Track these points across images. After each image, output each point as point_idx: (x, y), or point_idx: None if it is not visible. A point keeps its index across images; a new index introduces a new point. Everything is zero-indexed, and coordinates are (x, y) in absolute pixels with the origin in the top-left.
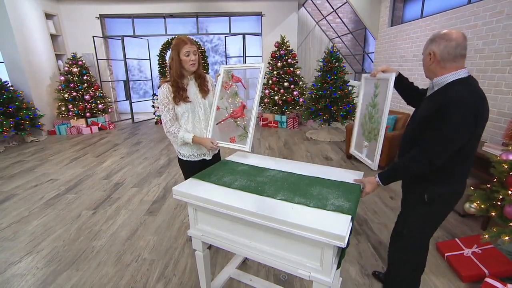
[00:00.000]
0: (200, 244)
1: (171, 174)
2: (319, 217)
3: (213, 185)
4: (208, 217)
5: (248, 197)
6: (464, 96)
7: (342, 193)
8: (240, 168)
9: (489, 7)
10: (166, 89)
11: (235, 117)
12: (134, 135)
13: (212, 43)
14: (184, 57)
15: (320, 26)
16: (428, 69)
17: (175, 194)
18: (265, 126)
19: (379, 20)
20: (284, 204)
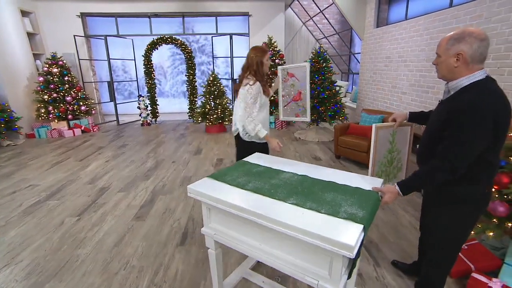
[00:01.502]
0: (213, 243)
1: (159, 177)
2: (329, 225)
3: (227, 185)
4: (220, 217)
5: (260, 199)
6: (481, 101)
7: (356, 200)
8: (256, 169)
9: (469, 10)
10: (258, 86)
11: (295, 100)
12: (120, 138)
13: (198, 43)
14: (266, 61)
15: (307, 26)
16: (451, 71)
17: (190, 193)
18: None
19: (365, 21)
20: (294, 209)
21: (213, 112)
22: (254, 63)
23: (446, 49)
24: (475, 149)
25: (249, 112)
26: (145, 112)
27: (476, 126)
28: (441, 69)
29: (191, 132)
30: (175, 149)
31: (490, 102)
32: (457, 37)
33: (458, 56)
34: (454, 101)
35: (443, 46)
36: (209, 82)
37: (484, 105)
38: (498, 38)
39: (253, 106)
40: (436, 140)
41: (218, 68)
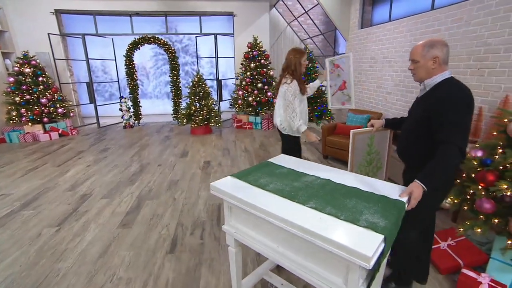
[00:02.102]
0: (233, 241)
1: (145, 182)
2: (347, 232)
3: (249, 185)
4: (240, 216)
5: (279, 201)
6: (459, 91)
7: (380, 209)
8: (279, 171)
9: (450, 13)
10: (296, 84)
11: (341, 89)
12: (101, 141)
13: (182, 43)
14: (303, 62)
15: (292, 27)
16: (429, 72)
17: (212, 190)
18: (239, 128)
19: (349, 22)
20: (313, 213)
21: (199, 113)
22: (293, 63)
23: (423, 55)
24: (468, 128)
25: (292, 108)
26: (127, 114)
27: (461, 109)
28: (419, 72)
29: (176, 134)
30: (160, 152)
31: (464, 91)
32: (430, 44)
33: (435, 59)
34: (434, 93)
35: (419, 53)
36: (194, 83)
37: (461, 93)
38: (478, 40)
39: (294, 102)
40: (423, 133)
41: (203, 69)
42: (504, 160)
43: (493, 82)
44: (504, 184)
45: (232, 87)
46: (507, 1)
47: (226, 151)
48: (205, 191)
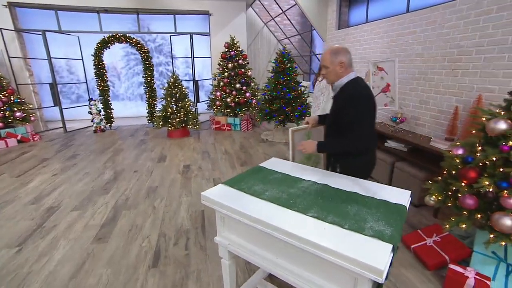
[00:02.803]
0: (226, 253)
1: (120, 190)
2: (354, 243)
3: (243, 193)
4: (235, 226)
5: (277, 210)
6: (361, 89)
7: (383, 215)
8: (273, 176)
9: (424, 16)
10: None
11: (384, 92)
12: (68, 147)
13: (155, 43)
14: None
15: (268, 27)
16: (338, 75)
17: (203, 200)
18: (218, 130)
19: (326, 23)
20: (315, 223)
21: (176, 115)
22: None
23: (332, 61)
24: (369, 119)
25: (317, 103)
26: (98, 117)
27: (363, 104)
28: (330, 76)
29: (152, 138)
30: (135, 157)
31: (367, 90)
32: (335, 52)
33: (341, 64)
34: (342, 93)
35: (328, 59)
36: (169, 84)
37: (365, 92)
38: (451, 42)
39: (319, 97)
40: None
41: (178, 69)
42: (486, 158)
43: (466, 82)
44: (486, 181)
45: (209, 88)
46: (477, 6)
47: (206, 154)
48: (187, 197)
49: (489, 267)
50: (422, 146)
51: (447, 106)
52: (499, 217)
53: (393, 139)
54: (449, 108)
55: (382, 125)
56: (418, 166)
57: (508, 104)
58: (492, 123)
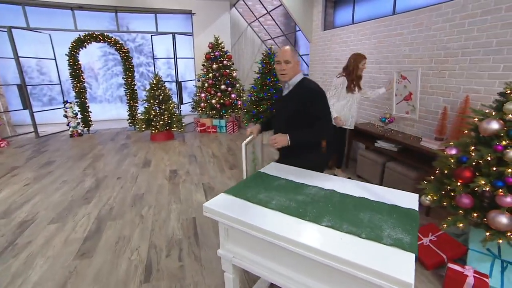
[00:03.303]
0: (230, 266)
1: (103, 199)
2: (374, 253)
3: (248, 203)
4: (240, 238)
5: (288, 220)
6: (318, 86)
7: (397, 221)
8: (277, 183)
9: (411, 18)
10: (343, 80)
11: (406, 100)
12: (42, 153)
13: (135, 43)
14: (361, 66)
15: (252, 27)
16: (295, 72)
17: (205, 212)
18: (203, 132)
19: (312, 24)
20: (330, 233)
21: (159, 118)
22: (351, 65)
23: (293, 57)
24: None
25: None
26: (74, 121)
27: (325, 99)
28: (290, 72)
29: (134, 142)
30: (118, 163)
31: (320, 87)
32: (293, 50)
33: (298, 62)
34: (302, 90)
35: (291, 55)
36: (152, 85)
37: (320, 88)
38: (438, 44)
39: (331, 91)
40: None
41: (159, 70)
42: (481, 158)
43: (453, 83)
44: (482, 180)
45: (192, 89)
46: (462, 9)
47: (192, 158)
48: (176, 204)
49: (485, 264)
50: (413, 146)
51: (435, 106)
52: (495, 215)
53: (383, 139)
54: (436, 108)
55: (371, 126)
56: (409, 166)
57: (499, 104)
58: (485, 123)
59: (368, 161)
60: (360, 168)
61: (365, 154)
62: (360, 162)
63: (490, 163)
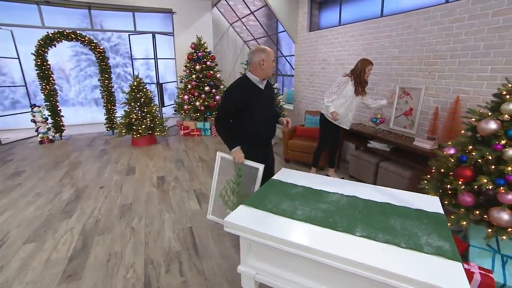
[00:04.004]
0: (253, 283)
1: (87, 211)
2: (420, 264)
3: (272, 214)
4: (265, 253)
5: (319, 232)
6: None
7: (429, 227)
8: (294, 191)
9: (399, 21)
10: (347, 80)
11: (406, 115)
12: (7, 163)
13: (110, 42)
14: (368, 71)
15: (234, 27)
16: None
17: (227, 227)
18: (187, 135)
19: (297, 24)
20: (368, 244)
21: (141, 122)
22: (358, 69)
23: (258, 57)
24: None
25: (329, 94)
26: (44, 126)
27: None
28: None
29: (114, 147)
30: (98, 171)
31: None
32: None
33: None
34: (270, 85)
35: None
36: (133, 87)
37: None
38: (427, 47)
39: (334, 90)
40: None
41: (137, 71)
42: (482, 157)
43: (443, 84)
44: (484, 179)
45: (173, 91)
46: (450, 13)
47: (179, 163)
48: (169, 213)
49: (486, 260)
50: (406, 145)
51: (425, 106)
52: (497, 212)
53: (376, 139)
54: (427, 109)
55: (362, 126)
56: (402, 165)
57: (495, 105)
58: (483, 123)
59: (361, 161)
60: (353, 168)
61: (357, 155)
62: (352, 162)
63: (489, 162)
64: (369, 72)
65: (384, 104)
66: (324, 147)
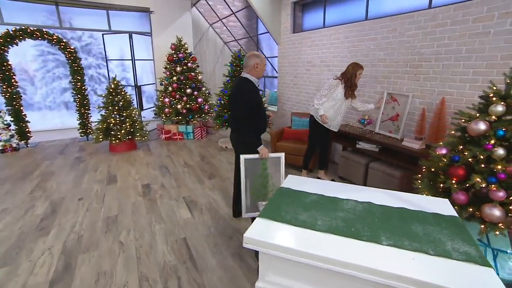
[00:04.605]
0: None
1: (66, 227)
2: (453, 272)
3: (291, 226)
4: (286, 268)
5: (344, 243)
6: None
7: (450, 231)
8: (309, 199)
9: (385, 25)
10: (337, 83)
11: (392, 120)
12: None
13: (81, 42)
14: (358, 75)
15: (214, 28)
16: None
17: (246, 243)
18: (169, 140)
19: (280, 26)
20: (396, 252)
21: (120, 127)
22: (349, 73)
23: (252, 61)
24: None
25: (319, 97)
26: (6, 133)
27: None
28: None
29: (91, 154)
30: (75, 181)
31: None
32: (256, 55)
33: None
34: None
35: (265, 60)
36: (110, 90)
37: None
38: (412, 50)
39: (325, 93)
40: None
41: (112, 73)
42: (473, 156)
43: (428, 86)
44: (477, 177)
45: (151, 93)
46: (433, 19)
47: (164, 169)
48: (159, 224)
49: None
50: (395, 146)
51: (411, 108)
52: (489, 208)
53: (364, 140)
54: (412, 110)
55: (350, 127)
56: (392, 165)
57: (482, 107)
58: (473, 124)
59: (351, 162)
60: (343, 169)
61: (347, 156)
62: (342, 163)
63: (480, 161)
64: (359, 76)
65: (371, 108)
66: (314, 149)
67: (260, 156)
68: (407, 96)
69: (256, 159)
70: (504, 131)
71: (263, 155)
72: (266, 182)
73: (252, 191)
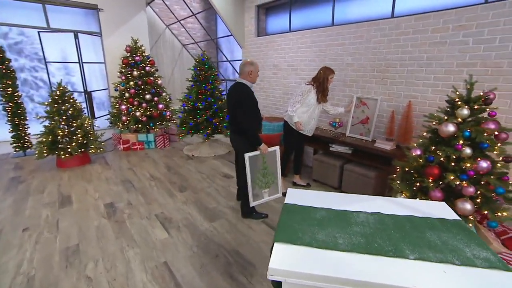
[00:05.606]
0: None
1: (10, 267)
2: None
3: (314, 249)
4: None
5: (373, 261)
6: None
7: (462, 237)
8: (320, 215)
9: (352, 30)
10: (310, 88)
11: (362, 123)
12: None
13: (8, 39)
14: (330, 79)
15: (171, 30)
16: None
17: (271, 275)
18: (128, 150)
19: (244, 29)
20: (425, 266)
21: (71, 139)
22: (321, 77)
23: (248, 68)
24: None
25: (293, 103)
26: None
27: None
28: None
29: (33, 172)
30: (15, 206)
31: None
32: (250, 63)
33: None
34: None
35: (258, 68)
36: (55, 97)
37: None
38: (379, 55)
39: (298, 99)
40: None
41: (53, 77)
42: (446, 156)
43: (394, 90)
44: (451, 175)
45: (102, 99)
46: (396, 27)
47: (128, 184)
48: (133, 248)
49: None
50: (368, 147)
51: (380, 110)
52: (461, 203)
53: (337, 143)
54: (381, 112)
55: (321, 130)
56: (366, 166)
57: (451, 110)
58: (444, 126)
59: (325, 165)
60: (317, 173)
61: (320, 158)
62: (316, 166)
63: (450, 160)
64: (331, 80)
65: (341, 112)
66: (290, 154)
67: (261, 152)
68: (376, 100)
69: (257, 155)
70: (469, 132)
71: (264, 151)
72: (265, 172)
73: (255, 181)
